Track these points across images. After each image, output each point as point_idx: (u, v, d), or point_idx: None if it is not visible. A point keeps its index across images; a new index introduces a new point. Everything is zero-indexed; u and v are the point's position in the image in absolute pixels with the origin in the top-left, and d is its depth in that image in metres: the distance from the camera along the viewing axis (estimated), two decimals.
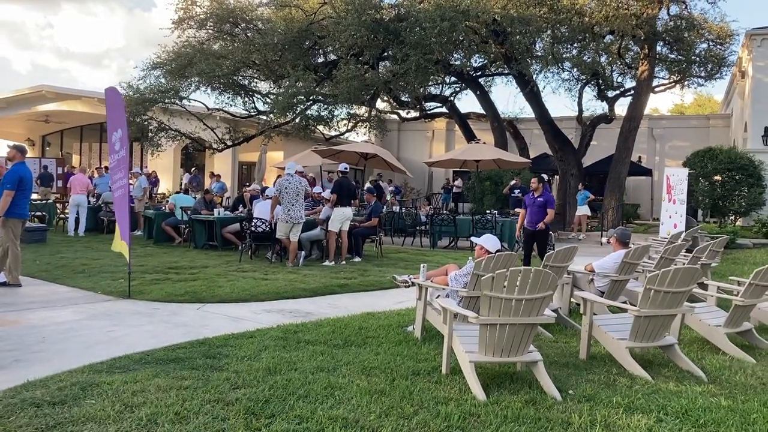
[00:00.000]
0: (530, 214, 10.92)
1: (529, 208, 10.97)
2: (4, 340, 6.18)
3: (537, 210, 10.78)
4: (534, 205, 10.86)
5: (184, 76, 21.50)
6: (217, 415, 4.31)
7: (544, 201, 10.75)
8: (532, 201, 10.92)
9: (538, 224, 10.69)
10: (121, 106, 9.48)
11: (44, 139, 33.36)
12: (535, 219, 10.78)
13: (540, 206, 10.76)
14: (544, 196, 10.81)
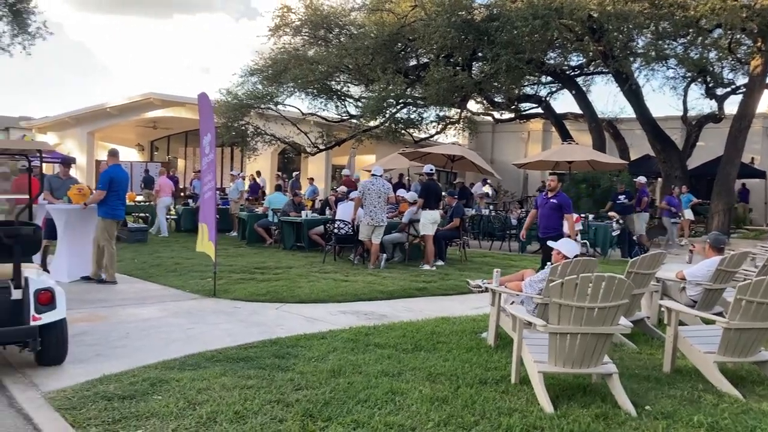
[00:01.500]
0: (541, 217, 9.34)
1: (540, 210, 9.37)
2: (90, 335, 6.49)
3: (548, 213, 9.21)
4: (546, 206, 9.24)
5: (280, 81, 22.07)
6: (276, 415, 4.32)
7: (558, 204, 9.13)
8: (543, 202, 9.30)
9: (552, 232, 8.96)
10: (210, 111, 9.81)
11: (152, 144, 35.21)
12: (546, 224, 9.21)
13: (553, 209, 9.16)
14: (559, 198, 9.19)
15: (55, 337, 5.29)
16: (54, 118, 33.45)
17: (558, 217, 9.05)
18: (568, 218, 9.07)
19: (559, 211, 9.07)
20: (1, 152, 6.87)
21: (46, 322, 5.15)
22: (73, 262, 9.74)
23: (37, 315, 5.11)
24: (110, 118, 30.67)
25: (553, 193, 9.20)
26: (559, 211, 9.06)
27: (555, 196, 9.17)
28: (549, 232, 8.98)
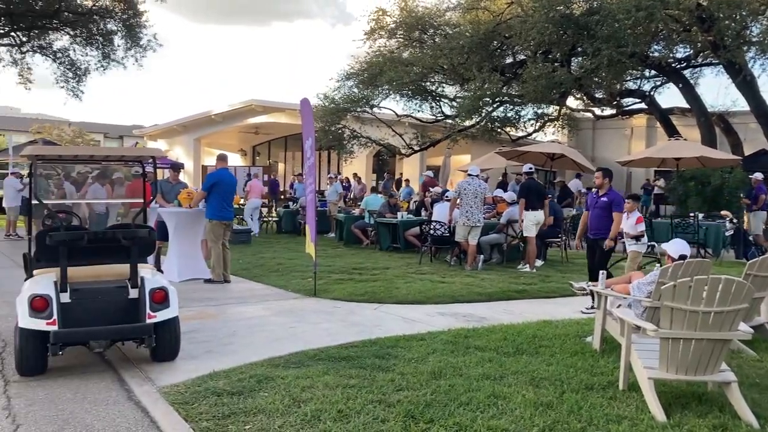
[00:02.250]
0: (591, 218, 8.69)
1: (591, 211, 8.73)
2: (200, 332, 6.78)
3: (598, 213, 8.53)
4: (596, 206, 8.59)
5: (375, 84, 22.29)
6: (378, 415, 4.34)
7: (607, 202, 8.45)
8: (594, 201, 8.69)
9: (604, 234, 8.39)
10: (311, 116, 10.05)
11: (254, 149, 36.45)
12: (596, 225, 8.55)
13: (603, 208, 8.45)
14: (609, 195, 8.49)
15: (169, 334, 5.55)
16: (163, 126, 35.30)
17: (609, 217, 8.39)
18: (615, 217, 8.36)
19: (610, 211, 8.42)
20: (119, 159, 7.30)
21: (161, 320, 5.42)
22: (182, 263, 10.21)
23: (153, 313, 5.38)
24: (215, 125, 32.00)
25: (603, 191, 8.55)
26: (609, 211, 8.41)
27: (605, 194, 8.53)
28: (600, 234, 8.42)
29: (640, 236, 8.74)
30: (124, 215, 12.80)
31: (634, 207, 8.82)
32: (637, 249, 8.73)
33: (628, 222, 8.82)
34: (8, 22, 19.94)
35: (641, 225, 8.81)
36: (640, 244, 8.76)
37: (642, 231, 8.78)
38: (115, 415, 4.47)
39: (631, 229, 8.72)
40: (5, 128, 58.34)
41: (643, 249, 8.86)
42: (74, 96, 21.34)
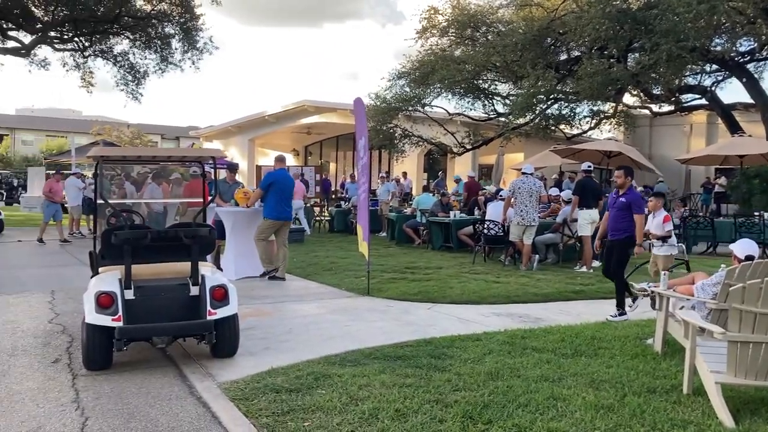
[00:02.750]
0: (610, 219, 8.04)
1: (610, 212, 8.06)
2: (258, 329, 6.88)
3: (617, 214, 7.86)
4: (614, 207, 7.93)
5: (427, 83, 22.22)
6: (435, 415, 4.33)
7: (626, 202, 7.78)
8: (613, 201, 8.02)
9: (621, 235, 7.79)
10: (364, 115, 10.09)
11: (306, 149, 36.84)
12: (614, 226, 7.90)
13: (622, 208, 7.81)
14: (629, 195, 7.83)
15: (229, 331, 5.65)
16: (218, 127, 36.01)
17: (628, 218, 7.79)
18: (637, 219, 7.70)
19: (629, 211, 7.80)
20: (181, 160, 7.47)
21: (221, 317, 5.52)
22: (239, 261, 10.39)
23: (213, 310, 5.49)
24: (268, 126, 32.49)
25: (623, 191, 7.94)
26: (629, 211, 7.80)
27: (625, 194, 7.90)
28: (617, 235, 7.85)
29: (667, 237, 8.24)
30: (182, 214, 13.09)
31: (658, 205, 8.42)
32: (666, 252, 8.25)
33: (654, 221, 8.42)
34: (72, 28, 20.66)
35: (669, 224, 8.36)
36: (669, 245, 8.24)
37: (669, 231, 8.28)
38: (178, 410, 4.57)
39: (658, 229, 8.30)
40: (68, 130, 60.55)
41: (673, 251, 8.33)
42: (134, 98, 21.96)
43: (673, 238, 8.36)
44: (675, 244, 8.41)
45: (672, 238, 8.36)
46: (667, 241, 8.27)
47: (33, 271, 11.34)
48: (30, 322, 7.32)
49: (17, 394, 4.92)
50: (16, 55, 21.02)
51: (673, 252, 8.37)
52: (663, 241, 8.28)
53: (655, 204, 8.43)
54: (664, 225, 8.27)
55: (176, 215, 14.11)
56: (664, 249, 8.27)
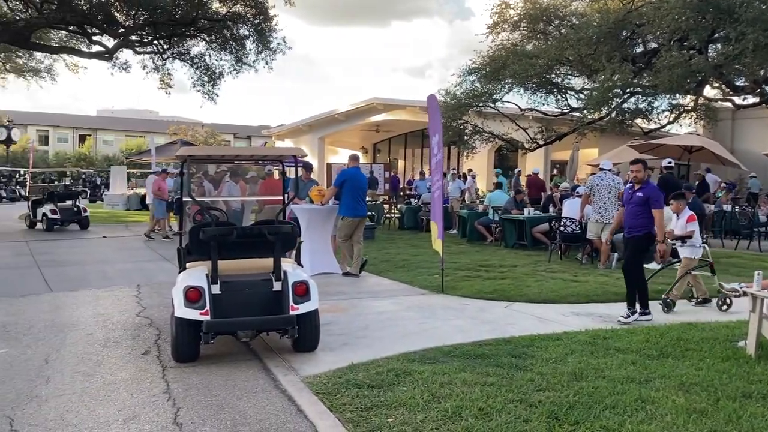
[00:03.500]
0: (626, 214, 7.65)
1: (627, 207, 7.68)
2: (335, 324, 6.97)
3: (633, 209, 7.45)
4: (631, 202, 7.51)
5: (498, 78, 21.93)
6: (520, 415, 4.28)
7: (644, 197, 7.31)
8: (629, 196, 7.61)
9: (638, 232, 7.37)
10: (437, 112, 10.07)
11: (375, 146, 37.05)
12: (631, 222, 7.47)
13: (639, 204, 7.36)
14: (646, 189, 7.36)
15: (310, 326, 5.75)
16: (289, 126, 36.66)
17: (646, 214, 7.33)
18: (656, 214, 7.24)
19: (647, 206, 7.34)
20: (263, 158, 7.64)
21: (303, 312, 5.62)
22: (314, 258, 10.54)
23: (295, 305, 5.59)
24: (338, 124, 32.84)
25: (640, 185, 7.48)
26: (646, 206, 7.34)
27: (642, 188, 7.44)
28: (635, 232, 7.42)
29: (687, 237, 7.91)
30: (258, 211, 13.38)
31: (681, 207, 8.14)
32: (690, 254, 7.94)
33: (678, 223, 8.11)
34: (152, 32, 21.40)
35: (693, 224, 7.98)
36: (690, 246, 7.88)
37: (691, 231, 7.91)
38: (264, 403, 4.68)
39: (682, 230, 7.98)
40: (146, 130, 62.91)
41: (697, 253, 7.93)
42: (209, 99, 22.53)
43: (696, 239, 7.94)
44: (698, 245, 7.98)
45: (695, 239, 7.95)
46: (686, 242, 7.96)
47: (118, 266, 11.83)
48: (119, 315, 7.64)
49: (112, 384, 5.15)
50: (101, 58, 21.92)
51: (696, 254, 7.98)
52: (682, 241, 7.96)
53: (677, 206, 8.15)
54: (688, 225, 7.97)
55: (251, 212, 14.45)
56: (686, 250, 7.97)
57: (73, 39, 22.95)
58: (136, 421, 4.37)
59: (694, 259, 8.00)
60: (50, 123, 69.04)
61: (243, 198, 13.22)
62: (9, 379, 5.26)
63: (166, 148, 27.95)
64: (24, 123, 58.26)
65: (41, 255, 13.02)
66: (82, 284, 9.79)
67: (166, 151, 27.05)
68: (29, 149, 34.22)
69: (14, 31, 18.56)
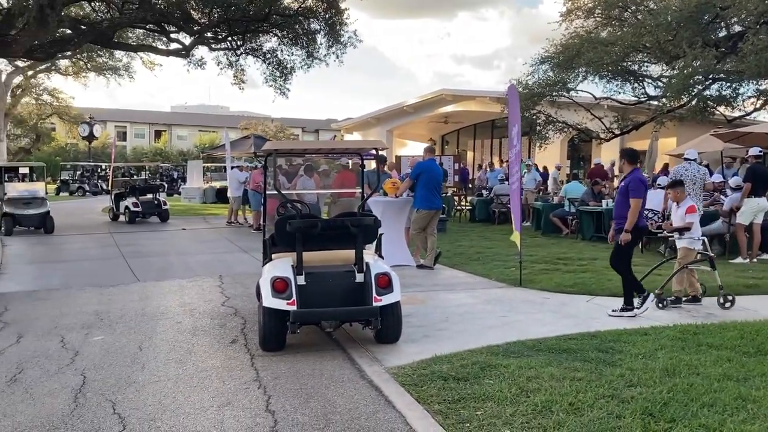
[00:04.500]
0: (615, 206, 7.48)
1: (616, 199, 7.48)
2: (414, 316, 6.98)
3: (619, 200, 7.23)
4: (619, 193, 7.33)
5: (571, 67, 21.41)
6: (612, 411, 4.19)
7: (625, 186, 7.10)
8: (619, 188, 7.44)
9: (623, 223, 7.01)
10: (516, 102, 9.94)
11: (443, 138, 36.86)
12: (616, 213, 7.28)
13: (622, 194, 7.12)
14: (627, 177, 7.12)
15: (393, 317, 5.79)
16: (357, 119, 36.88)
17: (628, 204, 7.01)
18: (632, 203, 6.91)
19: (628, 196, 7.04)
20: (343, 151, 7.72)
21: (385, 304, 5.66)
22: (388, 250, 10.51)
23: (378, 297, 5.64)
24: (406, 116, 32.82)
25: (623, 175, 7.30)
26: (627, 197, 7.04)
27: (625, 178, 7.21)
28: (620, 223, 7.12)
29: (684, 229, 7.54)
30: (332, 204, 13.52)
31: (681, 195, 7.76)
32: (687, 245, 7.54)
33: (678, 212, 7.70)
34: (226, 28, 21.89)
35: (692, 216, 7.57)
36: (688, 238, 7.49)
37: (689, 223, 7.52)
38: (352, 392, 4.74)
39: (681, 221, 7.60)
40: (218, 125, 64.67)
41: (695, 245, 7.52)
42: (281, 94, 22.88)
43: (695, 231, 7.53)
44: (696, 237, 7.55)
45: (694, 232, 7.55)
46: (684, 234, 7.55)
47: (199, 257, 12.21)
48: (205, 304, 7.89)
49: (204, 371, 5.32)
50: (178, 56, 22.59)
51: (695, 246, 7.56)
52: (680, 233, 7.59)
53: (676, 194, 7.76)
54: (687, 216, 7.58)
55: (324, 205, 14.63)
56: (684, 242, 7.57)
57: (151, 37, 23.74)
58: (231, 407, 4.50)
59: (692, 250, 7.56)
60: (128, 119, 71.87)
61: (318, 191, 13.39)
62: (108, 365, 5.51)
63: (239, 143, 28.59)
64: (103, 119, 60.79)
65: (126, 246, 13.57)
66: (166, 274, 10.16)
67: (239, 146, 27.68)
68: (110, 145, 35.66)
69: (98, 32, 19.33)
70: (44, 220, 16.01)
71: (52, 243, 14.49)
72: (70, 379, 5.15)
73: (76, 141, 52.66)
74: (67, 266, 11.33)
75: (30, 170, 18.84)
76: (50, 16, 14.37)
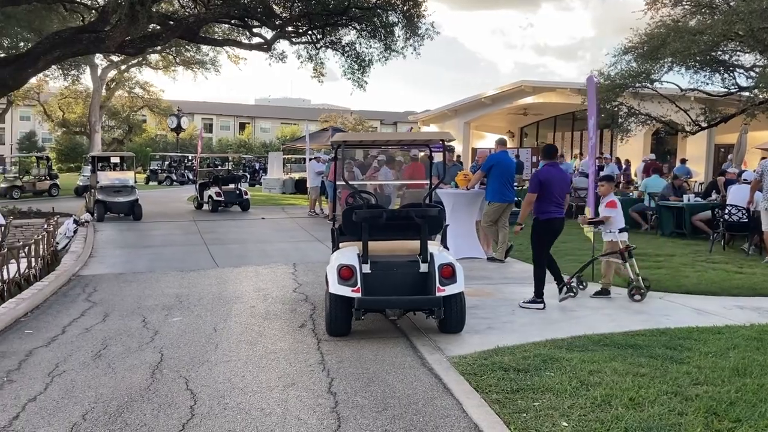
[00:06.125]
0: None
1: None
2: (480, 308, 7.01)
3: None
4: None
5: (656, 57, 20.65)
6: (674, 408, 4.13)
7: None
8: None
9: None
10: (594, 94, 9.75)
11: (522, 130, 36.32)
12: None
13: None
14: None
15: (456, 308, 5.85)
16: (435, 111, 36.81)
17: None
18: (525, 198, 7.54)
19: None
20: (411, 143, 7.81)
21: (449, 294, 5.72)
22: (458, 242, 10.60)
23: (441, 287, 5.71)
24: (484, 108, 32.53)
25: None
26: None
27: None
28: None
29: (598, 222, 7.93)
30: (402, 195, 13.64)
31: (607, 190, 8.06)
32: (608, 238, 7.84)
33: (601, 206, 8.03)
34: (306, 22, 22.34)
35: (610, 210, 7.78)
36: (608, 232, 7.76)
37: (605, 216, 7.77)
38: (411, 379, 4.85)
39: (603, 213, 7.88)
40: (299, 118, 66.04)
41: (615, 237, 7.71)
42: (359, 86, 23.14)
43: (612, 224, 7.72)
44: (611, 230, 7.77)
45: (612, 224, 7.75)
46: (599, 226, 7.97)
47: (276, 245, 12.59)
48: (277, 290, 8.18)
49: (272, 353, 5.55)
50: (260, 50, 23.23)
51: (615, 238, 7.75)
52: (595, 225, 8.04)
53: (604, 188, 8.10)
54: (605, 210, 7.87)
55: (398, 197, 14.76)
56: (607, 235, 7.86)
57: (235, 32, 24.49)
58: (295, 388, 4.69)
59: (614, 242, 7.73)
60: (214, 112, 74.42)
61: (386, 182, 13.54)
62: (184, 344, 5.83)
63: (318, 135, 29.16)
64: (191, 112, 63.18)
65: (207, 234, 14.15)
66: (244, 261, 10.56)
67: (318, 138, 28.23)
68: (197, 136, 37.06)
69: (185, 27, 20.13)
70: (133, 208, 16.88)
71: (139, 229, 15.28)
72: (149, 356, 5.49)
73: (165, 132, 55.05)
74: (153, 251, 11.94)
75: (121, 160, 19.86)
76: (140, 12, 15.08)
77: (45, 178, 29.42)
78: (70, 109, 46.03)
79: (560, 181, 7.50)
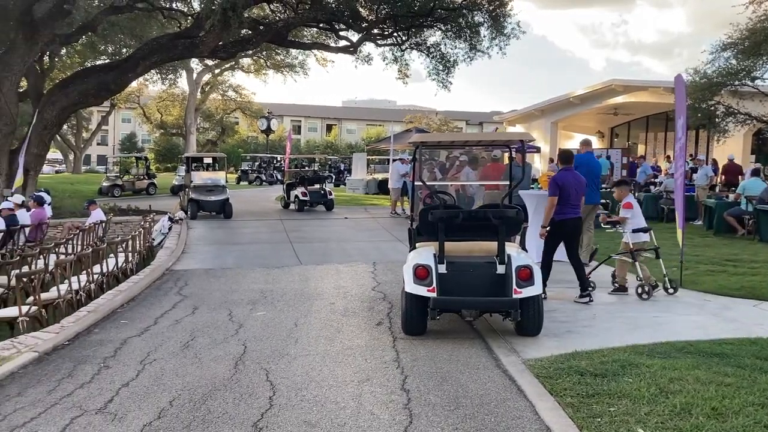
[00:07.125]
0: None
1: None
2: (560, 312, 6.91)
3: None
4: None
5: (758, 53, 19.59)
6: (760, 420, 3.97)
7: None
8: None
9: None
10: (683, 93, 9.40)
11: (612, 130, 35.21)
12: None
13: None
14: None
15: (533, 311, 5.80)
16: (521, 111, 36.27)
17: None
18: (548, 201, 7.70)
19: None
20: (490, 143, 7.79)
21: (526, 296, 5.68)
22: (541, 244, 10.45)
23: (518, 289, 5.68)
24: (572, 108, 31.77)
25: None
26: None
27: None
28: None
29: (615, 222, 8.26)
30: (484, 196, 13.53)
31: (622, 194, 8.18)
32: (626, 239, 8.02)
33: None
34: (392, 24, 22.54)
35: (626, 212, 7.97)
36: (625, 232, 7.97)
37: (621, 217, 8.00)
38: (485, 379, 4.86)
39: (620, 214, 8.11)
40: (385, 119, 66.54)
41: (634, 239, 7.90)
42: (443, 87, 23.13)
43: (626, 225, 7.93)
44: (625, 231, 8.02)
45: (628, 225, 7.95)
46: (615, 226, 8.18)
47: (357, 244, 12.80)
48: (357, 288, 8.34)
49: (349, 349, 5.69)
50: (346, 52, 23.64)
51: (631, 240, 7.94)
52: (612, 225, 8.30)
53: (618, 194, 8.29)
54: (621, 211, 8.06)
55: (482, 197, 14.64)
56: (627, 236, 8.01)
57: (322, 35, 25.01)
58: (369, 383, 4.80)
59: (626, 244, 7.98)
60: (302, 114, 76.11)
61: (464, 182, 13.46)
62: (266, 338, 6.06)
63: (402, 136, 29.32)
64: (280, 114, 64.89)
65: (293, 232, 14.55)
66: (326, 259, 10.81)
67: (402, 139, 28.39)
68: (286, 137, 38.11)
69: (274, 31, 20.76)
70: (224, 206, 17.57)
71: (229, 227, 15.88)
72: (233, 348, 5.74)
73: (255, 134, 56.81)
74: (241, 248, 12.40)
75: (213, 160, 20.69)
76: (232, 18, 15.69)
77: (143, 178, 31.00)
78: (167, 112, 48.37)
79: (575, 184, 7.69)
